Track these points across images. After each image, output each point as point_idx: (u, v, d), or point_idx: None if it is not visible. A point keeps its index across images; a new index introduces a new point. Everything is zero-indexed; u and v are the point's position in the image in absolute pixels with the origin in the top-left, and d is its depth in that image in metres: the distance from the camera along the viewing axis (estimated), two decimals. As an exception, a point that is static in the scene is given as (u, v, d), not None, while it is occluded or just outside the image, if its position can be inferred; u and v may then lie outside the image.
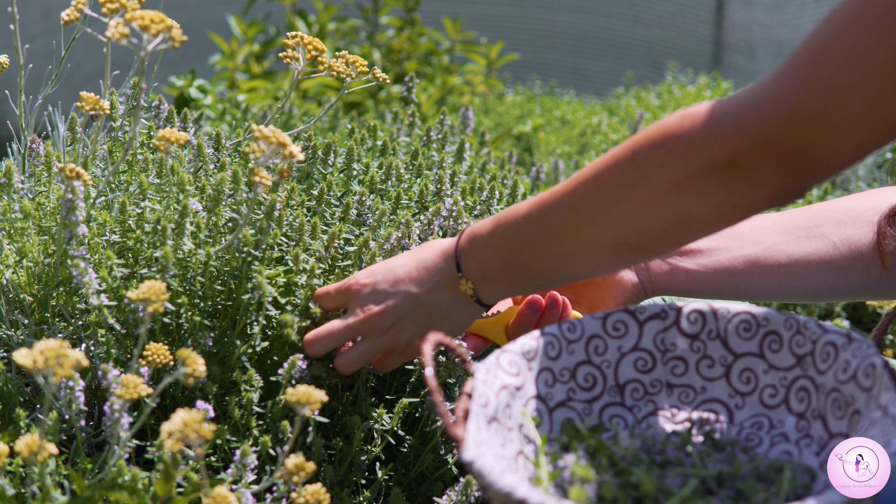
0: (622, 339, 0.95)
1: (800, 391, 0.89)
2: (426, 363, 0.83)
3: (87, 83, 1.38)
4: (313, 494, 0.89)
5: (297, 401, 0.89)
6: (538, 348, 0.92)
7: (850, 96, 0.81)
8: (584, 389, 0.93)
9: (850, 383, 0.85)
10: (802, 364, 0.89)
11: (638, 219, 0.92)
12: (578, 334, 0.94)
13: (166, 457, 0.94)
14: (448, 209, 1.33)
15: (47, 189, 1.28)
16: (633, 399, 0.94)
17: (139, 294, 0.92)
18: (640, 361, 0.95)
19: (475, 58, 3.78)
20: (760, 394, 0.91)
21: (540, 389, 0.91)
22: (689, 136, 0.88)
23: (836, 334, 0.87)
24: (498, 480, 0.74)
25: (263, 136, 1.02)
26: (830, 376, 0.87)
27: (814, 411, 0.88)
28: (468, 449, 0.78)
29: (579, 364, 0.94)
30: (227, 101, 2.74)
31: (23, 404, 1.15)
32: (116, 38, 1.03)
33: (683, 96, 3.81)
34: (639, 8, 6.15)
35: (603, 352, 0.95)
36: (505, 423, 0.85)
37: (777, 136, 0.83)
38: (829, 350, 0.87)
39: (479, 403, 0.84)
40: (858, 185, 2.44)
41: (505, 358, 0.90)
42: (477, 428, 0.81)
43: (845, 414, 0.85)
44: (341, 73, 1.30)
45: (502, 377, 0.88)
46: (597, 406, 0.93)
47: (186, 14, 4.75)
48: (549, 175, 2.56)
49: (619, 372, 0.94)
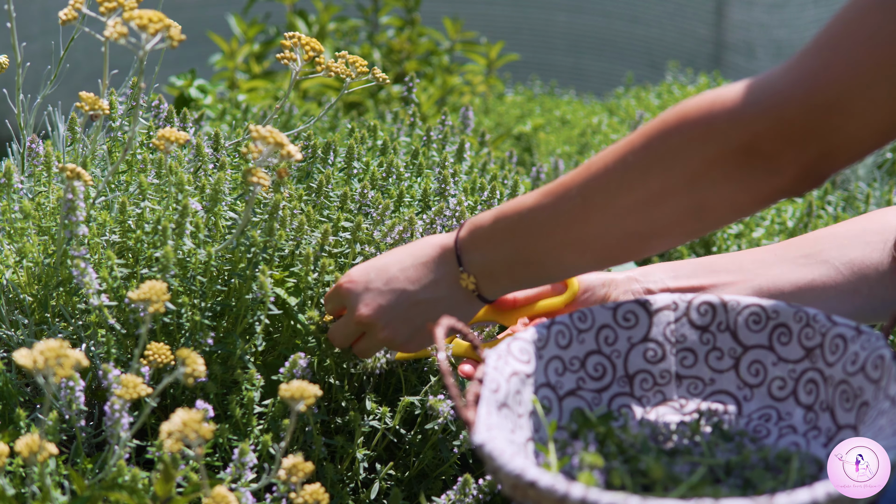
0: (632, 329, 0.95)
1: (808, 383, 0.90)
2: (438, 347, 0.83)
3: (86, 83, 1.38)
4: (312, 494, 0.89)
5: (291, 396, 0.89)
6: (549, 337, 0.92)
7: (872, 80, 0.79)
8: (594, 379, 0.94)
9: (859, 375, 0.85)
10: (811, 356, 0.90)
11: (650, 208, 0.90)
12: (589, 324, 0.94)
13: (166, 457, 0.94)
14: (452, 208, 1.33)
15: (47, 189, 1.28)
16: (642, 389, 0.95)
17: (140, 294, 0.92)
18: (649, 352, 0.95)
19: (475, 58, 3.78)
20: (769, 386, 0.92)
21: (550, 378, 0.91)
22: (708, 120, 0.85)
23: (845, 327, 0.88)
24: (508, 463, 0.74)
25: (261, 136, 1.02)
26: (839, 368, 0.87)
27: (822, 403, 0.88)
28: (479, 432, 0.78)
29: (589, 353, 0.94)
30: (227, 101, 2.74)
31: (23, 404, 1.15)
32: (115, 37, 1.03)
33: (683, 96, 3.81)
34: (637, 8, 6.14)
35: (613, 342, 0.95)
36: (515, 410, 0.86)
37: (797, 120, 0.82)
38: (838, 342, 0.88)
39: (490, 389, 0.84)
40: (858, 185, 2.44)
41: (516, 345, 0.90)
42: (487, 412, 0.81)
43: (853, 406, 0.85)
44: (340, 74, 1.30)
45: (513, 364, 0.88)
46: (606, 396, 0.94)
47: (186, 14, 4.75)
48: (549, 175, 2.56)
49: (629, 362, 0.95)
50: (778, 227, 2.13)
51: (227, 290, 1.18)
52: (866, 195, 2.27)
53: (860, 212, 2.28)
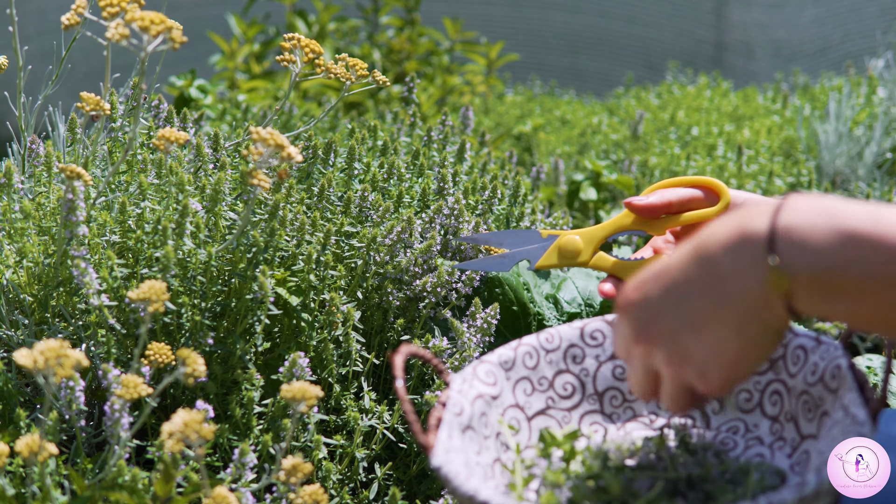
0: (599, 347, 0.96)
1: (773, 395, 0.90)
2: (396, 374, 0.84)
3: (84, 83, 1.39)
4: (311, 495, 0.89)
5: (293, 397, 0.89)
6: (515, 358, 0.93)
7: None
8: (564, 398, 0.95)
9: (819, 385, 0.86)
10: (775, 368, 0.90)
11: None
12: (556, 344, 0.95)
13: (166, 457, 0.94)
14: (450, 207, 1.33)
15: (47, 189, 1.28)
16: (612, 406, 0.95)
17: (140, 294, 0.92)
18: (617, 369, 0.96)
19: (475, 58, 3.78)
20: (736, 398, 0.92)
21: (518, 399, 0.92)
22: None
23: (805, 338, 0.89)
24: (463, 484, 0.76)
25: (262, 138, 1.02)
26: (801, 379, 0.88)
27: (786, 414, 0.89)
28: (437, 455, 0.80)
29: (558, 373, 0.95)
30: (227, 101, 2.74)
31: (23, 404, 1.15)
32: (117, 39, 1.03)
33: (683, 96, 3.81)
34: (635, 8, 6.14)
35: (581, 360, 0.96)
36: (481, 432, 0.87)
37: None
38: (799, 353, 0.89)
39: (453, 412, 0.85)
40: (858, 185, 2.44)
41: (482, 368, 0.91)
42: (448, 436, 0.83)
43: (815, 415, 0.86)
44: (340, 77, 1.30)
45: (478, 387, 0.89)
46: (576, 414, 0.94)
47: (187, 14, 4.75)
48: (549, 175, 2.56)
49: (598, 380, 0.96)
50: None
51: (227, 290, 1.18)
52: (866, 195, 2.27)
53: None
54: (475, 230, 1.34)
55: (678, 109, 3.42)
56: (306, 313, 1.21)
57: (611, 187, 2.48)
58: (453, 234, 1.34)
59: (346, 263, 1.28)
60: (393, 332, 1.30)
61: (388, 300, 1.29)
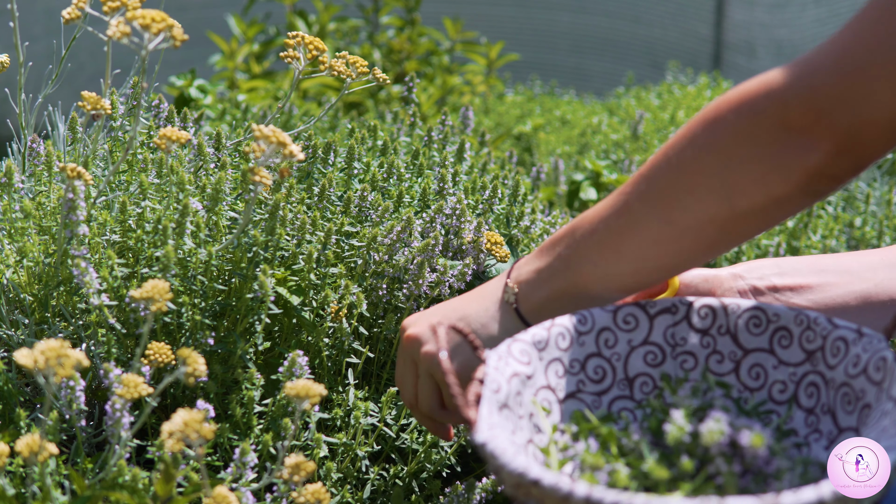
0: (632, 332, 0.95)
1: (809, 386, 0.89)
2: (440, 346, 0.83)
3: (87, 83, 1.39)
4: (314, 494, 0.89)
5: (297, 394, 0.89)
6: (549, 339, 0.92)
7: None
8: (594, 382, 0.93)
9: (861, 377, 0.85)
10: (812, 359, 0.90)
11: (682, 195, 0.89)
12: (589, 326, 0.94)
13: (167, 456, 0.94)
14: (451, 207, 1.33)
15: (48, 189, 1.28)
16: (642, 392, 0.94)
17: (142, 293, 0.92)
18: (649, 355, 0.95)
19: (475, 58, 3.78)
20: (770, 389, 0.92)
21: (550, 380, 0.91)
22: (743, 96, 0.86)
23: (846, 329, 0.88)
24: (511, 462, 0.74)
25: (263, 135, 1.02)
26: (841, 371, 0.87)
27: (823, 406, 0.88)
28: (481, 431, 0.78)
29: (589, 356, 0.94)
30: (227, 101, 2.74)
31: (23, 404, 1.15)
32: (117, 36, 1.03)
33: (683, 96, 3.81)
34: (640, 8, 6.14)
35: (613, 345, 0.95)
36: (515, 411, 0.86)
37: (826, 87, 0.82)
38: (839, 345, 0.88)
39: (491, 389, 0.84)
40: (858, 185, 2.44)
41: (516, 346, 0.90)
42: (489, 412, 0.81)
43: (855, 408, 0.85)
44: (342, 74, 1.30)
45: (514, 365, 0.88)
46: (606, 399, 0.93)
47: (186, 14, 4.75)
48: (549, 175, 2.56)
49: (629, 365, 0.95)
50: (778, 227, 2.13)
51: (227, 290, 1.18)
52: (866, 195, 2.27)
53: (860, 212, 2.28)
54: (476, 230, 1.34)
55: (678, 109, 3.42)
56: (307, 311, 1.21)
57: (611, 187, 2.48)
58: (454, 234, 1.34)
59: (346, 263, 1.28)
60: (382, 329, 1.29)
61: (394, 298, 1.28)
